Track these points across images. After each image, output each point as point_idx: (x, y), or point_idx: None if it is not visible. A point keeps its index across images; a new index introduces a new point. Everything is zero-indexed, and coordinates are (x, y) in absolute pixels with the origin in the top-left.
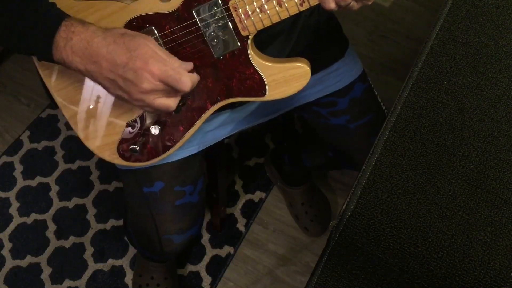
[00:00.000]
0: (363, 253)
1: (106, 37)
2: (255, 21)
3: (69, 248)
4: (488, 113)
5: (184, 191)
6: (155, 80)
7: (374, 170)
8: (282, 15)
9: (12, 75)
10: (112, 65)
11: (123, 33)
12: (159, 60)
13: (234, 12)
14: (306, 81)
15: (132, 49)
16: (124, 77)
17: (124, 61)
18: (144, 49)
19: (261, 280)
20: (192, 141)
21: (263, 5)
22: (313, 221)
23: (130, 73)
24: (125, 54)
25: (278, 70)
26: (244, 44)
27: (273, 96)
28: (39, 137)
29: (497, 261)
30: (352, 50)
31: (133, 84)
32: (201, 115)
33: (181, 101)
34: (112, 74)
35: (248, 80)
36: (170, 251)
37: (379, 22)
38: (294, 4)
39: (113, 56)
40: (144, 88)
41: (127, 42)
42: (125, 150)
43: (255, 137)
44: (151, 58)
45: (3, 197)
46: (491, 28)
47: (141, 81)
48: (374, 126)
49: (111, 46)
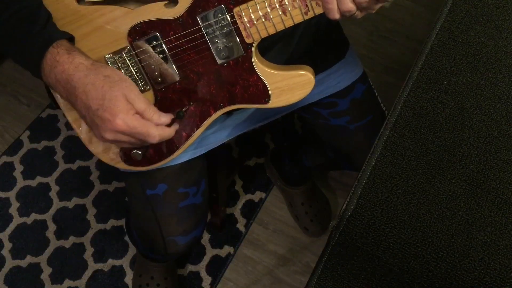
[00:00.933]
0: (363, 253)
1: (88, 75)
2: (260, 28)
3: (69, 248)
4: (488, 113)
5: (188, 193)
6: (118, 133)
7: (374, 170)
8: (287, 24)
9: (12, 75)
10: (84, 105)
11: (106, 76)
12: (129, 117)
13: (238, 19)
14: (310, 89)
15: (106, 98)
16: (92, 119)
17: (95, 107)
18: (117, 103)
19: (261, 280)
20: (194, 144)
21: (268, 13)
22: (313, 221)
23: (97, 119)
24: (98, 101)
25: (281, 78)
26: (248, 51)
27: (276, 103)
28: (39, 137)
29: (497, 261)
30: (352, 51)
31: (98, 129)
32: (204, 121)
33: (185, 107)
34: (84, 111)
35: (252, 87)
36: (174, 252)
37: (379, 22)
38: (299, 13)
39: (87, 98)
40: (106, 137)
41: (105, 89)
42: (127, 155)
43: (255, 137)
44: (121, 113)
45: (3, 197)
46: (491, 28)
47: (104, 130)
48: (374, 127)
49: (88, 87)
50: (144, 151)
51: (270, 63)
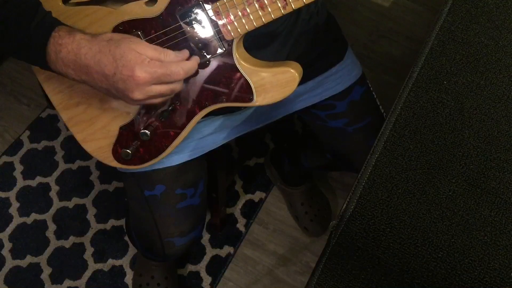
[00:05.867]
0: (363, 253)
1: (92, 46)
2: (238, 25)
3: (69, 248)
4: (488, 113)
5: (185, 194)
6: (144, 86)
7: (374, 170)
8: (265, 19)
9: (12, 75)
10: (101, 76)
11: (109, 39)
12: (145, 64)
13: (216, 16)
14: (294, 87)
15: (118, 58)
16: (115, 86)
17: (112, 72)
18: (129, 56)
19: (261, 280)
20: (191, 145)
21: (245, 9)
22: (313, 221)
23: (120, 83)
24: (112, 64)
25: (265, 75)
26: (229, 48)
27: (261, 101)
28: (39, 137)
29: (497, 261)
30: (351, 53)
31: (124, 93)
32: (191, 119)
33: (170, 106)
34: (105, 84)
35: (235, 85)
36: (172, 253)
37: (379, 22)
38: (277, 8)
39: (101, 67)
40: (137, 98)
41: (112, 50)
42: (119, 153)
43: (255, 137)
44: (137, 65)
45: (3, 197)
46: (491, 28)
47: (131, 91)
48: (373, 129)
49: (97, 56)
50: (134, 150)
51: (255, 60)
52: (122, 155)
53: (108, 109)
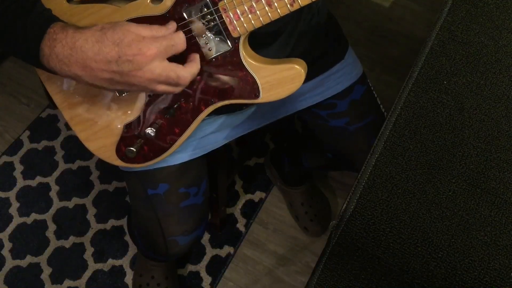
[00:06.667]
0: (363, 253)
1: (87, 38)
2: (245, 22)
3: (69, 248)
4: (488, 113)
5: (189, 193)
6: (154, 61)
7: (374, 170)
8: (272, 16)
9: (12, 75)
10: (103, 64)
11: (101, 28)
12: (147, 40)
13: (224, 13)
14: (300, 83)
15: (118, 42)
16: (120, 71)
17: (116, 56)
18: (128, 37)
19: (261, 280)
20: (193, 144)
21: (252, 6)
22: (313, 221)
23: (126, 65)
24: (113, 49)
25: (271, 72)
26: (236, 45)
27: (266, 98)
28: (39, 137)
29: (497, 261)
30: (351, 52)
31: (131, 74)
32: (196, 117)
33: (175, 103)
34: (107, 73)
35: (241, 82)
36: (175, 252)
37: (379, 22)
38: (284, 4)
39: (103, 55)
40: (144, 75)
41: (110, 37)
42: (123, 152)
43: (255, 137)
44: (140, 43)
45: (3, 197)
46: (491, 28)
47: (139, 68)
48: (374, 129)
49: (96, 47)
50: (139, 148)
51: (260, 57)
52: (127, 153)
53: (112, 107)
